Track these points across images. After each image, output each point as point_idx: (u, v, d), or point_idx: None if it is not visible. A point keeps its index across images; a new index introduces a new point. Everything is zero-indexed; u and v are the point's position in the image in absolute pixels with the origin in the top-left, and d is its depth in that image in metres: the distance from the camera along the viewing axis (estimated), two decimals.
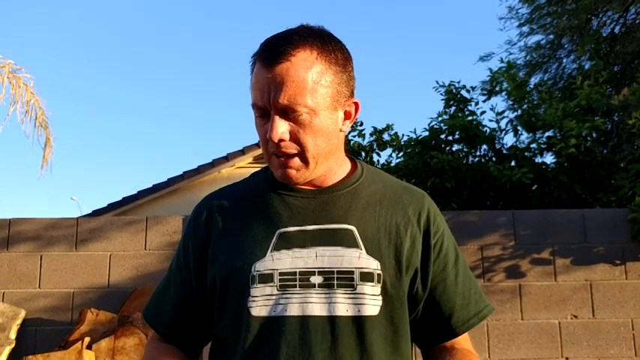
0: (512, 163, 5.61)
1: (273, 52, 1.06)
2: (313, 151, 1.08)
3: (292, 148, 1.08)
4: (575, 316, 4.00)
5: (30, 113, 6.33)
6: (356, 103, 1.15)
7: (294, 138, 1.07)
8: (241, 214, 1.15)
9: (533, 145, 5.80)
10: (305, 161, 1.09)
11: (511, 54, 9.03)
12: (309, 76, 1.06)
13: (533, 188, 5.42)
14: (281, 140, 1.07)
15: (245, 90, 1.15)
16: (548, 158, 5.87)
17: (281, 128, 1.06)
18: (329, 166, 1.14)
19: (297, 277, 1.06)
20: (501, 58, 6.68)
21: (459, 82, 6.12)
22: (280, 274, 1.06)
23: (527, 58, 9.04)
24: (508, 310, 4.01)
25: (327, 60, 1.08)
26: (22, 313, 3.87)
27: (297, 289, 1.06)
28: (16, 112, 6.18)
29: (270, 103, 1.06)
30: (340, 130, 1.13)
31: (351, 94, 1.13)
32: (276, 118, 1.06)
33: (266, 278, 1.06)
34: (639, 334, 3.97)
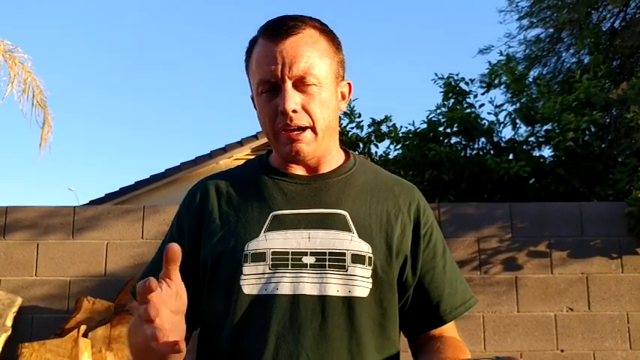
0: (510, 156, 5.62)
1: (283, 26, 1.10)
2: (322, 123, 1.11)
3: (304, 120, 1.10)
4: (571, 309, 4.02)
5: (27, 91, 6.28)
6: (349, 84, 1.20)
7: (305, 110, 1.10)
8: (236, 197, 1.16)
9: (532, 139, 5.81)
10: (315, 133, 1.12)
11: (510, 47, 9.01)
12: (317, 49, 1.11)
13: (530, 181, 5.43)
14: (294, 112, 1.08)
15: (242, 83, 1.16)
16: (546, 152, 5.88)
17: (295, 98, 1.08)
18: (329, 146, 1.17)
19: (290, 257, 1.07)
20: (501, 51, 6.70)
21: (457, 75, 6.13)
22: (273, 253, 1.07)
23: (527, 51, 9.02)
24: (504, 302, 4.02)
25: (327, 39, 1.14)
26: (19, 301, 3.87)
27: (290, 268, 1.07)
28: (13, 91, 6.13)
29: (281, 76, 1.08)
30: (339, 109, 1.17)
31: (344, 77, 1.19)
32: (289, 88, 1.08)
33: (259, 257, 1.07)
34: (634, 327, 3.99)
